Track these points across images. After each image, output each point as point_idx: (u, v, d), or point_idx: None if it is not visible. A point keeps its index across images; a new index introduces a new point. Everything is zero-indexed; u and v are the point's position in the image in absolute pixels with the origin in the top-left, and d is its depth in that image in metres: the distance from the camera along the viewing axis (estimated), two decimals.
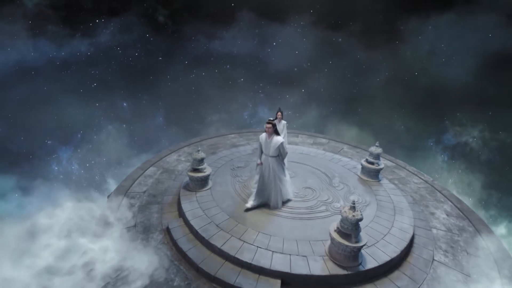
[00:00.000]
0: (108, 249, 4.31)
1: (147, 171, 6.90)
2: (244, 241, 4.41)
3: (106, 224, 4.89)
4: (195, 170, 5.72)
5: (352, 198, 5.79)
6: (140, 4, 15.55)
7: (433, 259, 4.62)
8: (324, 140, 9.68)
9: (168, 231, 4.86)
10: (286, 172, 5.49)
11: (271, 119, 5.04)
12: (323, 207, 5.43)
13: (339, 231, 4.03)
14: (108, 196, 5.90)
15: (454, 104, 15.12)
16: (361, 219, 3.85)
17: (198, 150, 5.73)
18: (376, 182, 6.60)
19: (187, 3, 16.75)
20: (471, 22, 14.97)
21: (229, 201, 5.47)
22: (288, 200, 5.45)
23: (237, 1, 17.39)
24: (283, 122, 6.68)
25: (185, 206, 5.21)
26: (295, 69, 17.93)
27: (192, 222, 4.78)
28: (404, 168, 7.92)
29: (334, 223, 4.22)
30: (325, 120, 17.01)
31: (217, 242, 4.38)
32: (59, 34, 14.41)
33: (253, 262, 4.03)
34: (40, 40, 14.09)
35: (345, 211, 3.92)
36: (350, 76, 17.96)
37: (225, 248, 4.26)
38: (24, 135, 13.33)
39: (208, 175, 5.82)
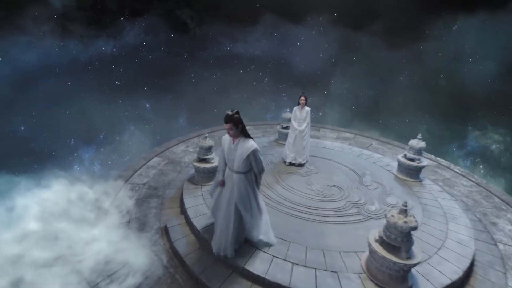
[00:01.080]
0: (93, 246, 3.58)
1: (150, 161, 6.20)
2: (256, 248, 3.52)
3: (95, 217, 4.18)
4: (202, 160, 4.90)
5: (389, 200, 4.73)
6: (163, 5, 15.32)
7: (507, 285, 3.48)
8: (349, 135, 8.59)
9: (165, 230, 4.06)
10: (261, 200, 3.37)
11: (231, 111, 2.92)
12: (355, 210, 4.42)
13: (382, 242, 3.03)
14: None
15: (478, 108, 14.48)
16: (415, 228, 2.84)
17: (206, 137, 4.91)
18: (417, 182, 5.47)
19: (210, 5, 16.55)
20: (496, 26, 14.05)
21: None
22: (269, 245, 3.52)
23: (261, 2, 17.19)
24: (307, 108, 5.72)
25: (188, 202, 4.40)
26: (318, 72, 17.30)
27: (194, 221, 3.95)
28: (448, 167, 6.69)
29: (375, 230, 3.21)
30: (346, 121, 16.27)
31: None
32: (84, 33, 14.41)
33: (267, 277, 3.13)
34: (65, 39, 14.20)
35: (392, 216, 2.91)
36: (372, 78, 17.32)
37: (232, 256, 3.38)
38: (47, 134, 13.26)
39: (217, 167, 4.99)
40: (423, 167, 5.48)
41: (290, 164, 5.81)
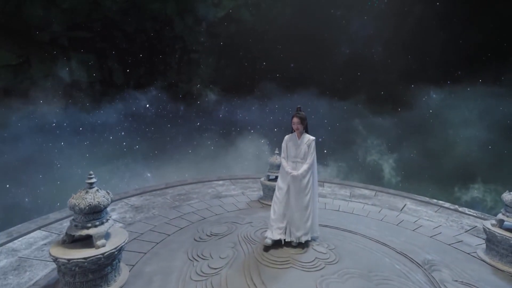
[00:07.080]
0: None
1: (18, 240, 3.27)
2: None
3: None
4: (74, 241, 2.11)
5: None
6: (166, 79, 17.05)
7: None
8: (367, 192, 5.93)
9: None
10: None
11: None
12: None
13: None
14: None
15: (470, 178, 13.96)
16: None
17: (90, 177, 2.22)
18: None
19: (208, 78, 17.98)
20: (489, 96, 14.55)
21: None
22: None
23: (257, 74, 18.46)
24: (308, 137, 3.22)
25: None
26: (319, 139, 17.12)
27: None
28: None
29: None
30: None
31: None
32: (90, 103, 15.29)
33: None
34: (70, 107, 14.76)
35: None
36: (368, 148, 17.08)
37: None
38: (40, 199, 12.08)
39: (113, 256, 2.15)
40: None
41: (282, 243, 3.01)
